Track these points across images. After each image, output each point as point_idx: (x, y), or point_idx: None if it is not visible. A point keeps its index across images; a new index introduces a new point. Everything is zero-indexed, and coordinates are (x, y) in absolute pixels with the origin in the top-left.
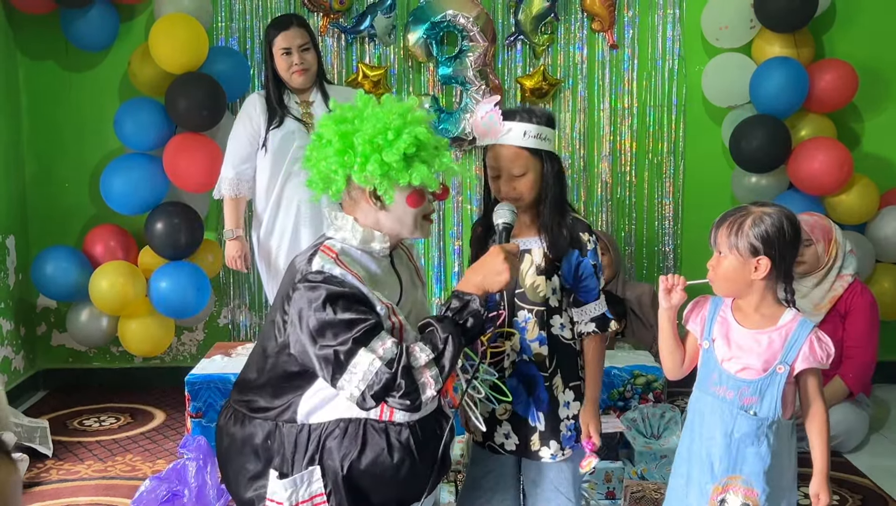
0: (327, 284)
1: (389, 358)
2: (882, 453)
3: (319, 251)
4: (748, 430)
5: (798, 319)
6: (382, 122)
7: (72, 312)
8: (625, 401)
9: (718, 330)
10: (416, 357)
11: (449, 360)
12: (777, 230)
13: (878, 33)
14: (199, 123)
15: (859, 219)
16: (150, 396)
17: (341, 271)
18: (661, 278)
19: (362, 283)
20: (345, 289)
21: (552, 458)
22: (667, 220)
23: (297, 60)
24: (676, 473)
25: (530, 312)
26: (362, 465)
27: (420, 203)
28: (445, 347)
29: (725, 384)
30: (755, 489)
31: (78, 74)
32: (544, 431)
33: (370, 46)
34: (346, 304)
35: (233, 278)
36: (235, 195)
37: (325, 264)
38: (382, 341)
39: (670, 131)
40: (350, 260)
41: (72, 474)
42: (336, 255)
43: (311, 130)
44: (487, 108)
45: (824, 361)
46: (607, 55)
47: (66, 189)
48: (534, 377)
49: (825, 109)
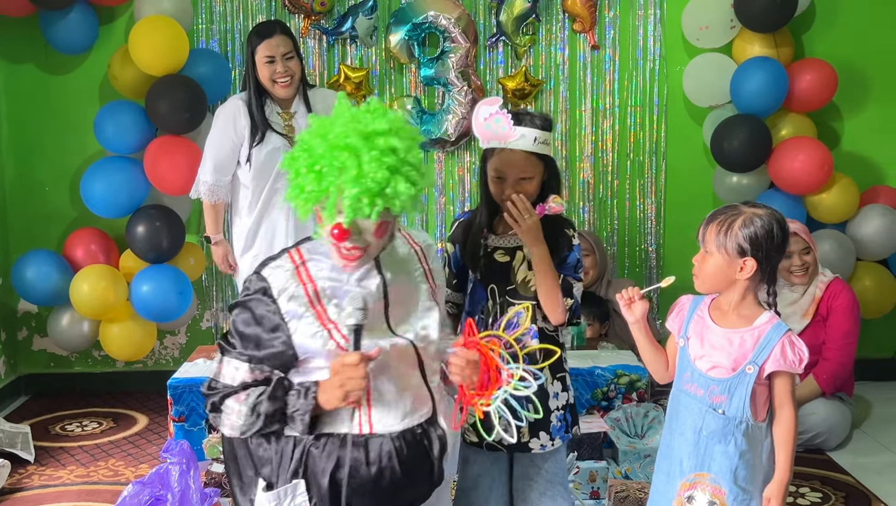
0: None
1: (214, 380)
2: (865, 451)
3: (283, 256)
4: (716, 428)
5: (773, 322)
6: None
7: (53, 317)
8: (608, 401)
9: (694, 328)
10: (231, 402)
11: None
12: (766, 233)
13: (858, 33)
14: (179, 126)
15: (840, 218)
16: (133, 400)
17: (281, 288)
18: (617, 296)
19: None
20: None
21: (542, 449)
22: (648, 220)
23: (281, 69)
24: (658, 470)
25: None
26: (342, 478)
27: (320, 221)
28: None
29: (696, 382)
30: (723, 488)
31: (58, 77)
32: (534, 423)
33: (352, 48)
34: (247, 322)
35: (215, 281)
36: (213, 202)
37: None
38: (235, 368)
39: (652, 131)
40: (318, 267)
41: (54, 480)
42: (302, 263)
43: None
44: (492, 111)
45: (796, 365)
46: (589, 56)
47: (47, 193)
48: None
49: (805, 109)
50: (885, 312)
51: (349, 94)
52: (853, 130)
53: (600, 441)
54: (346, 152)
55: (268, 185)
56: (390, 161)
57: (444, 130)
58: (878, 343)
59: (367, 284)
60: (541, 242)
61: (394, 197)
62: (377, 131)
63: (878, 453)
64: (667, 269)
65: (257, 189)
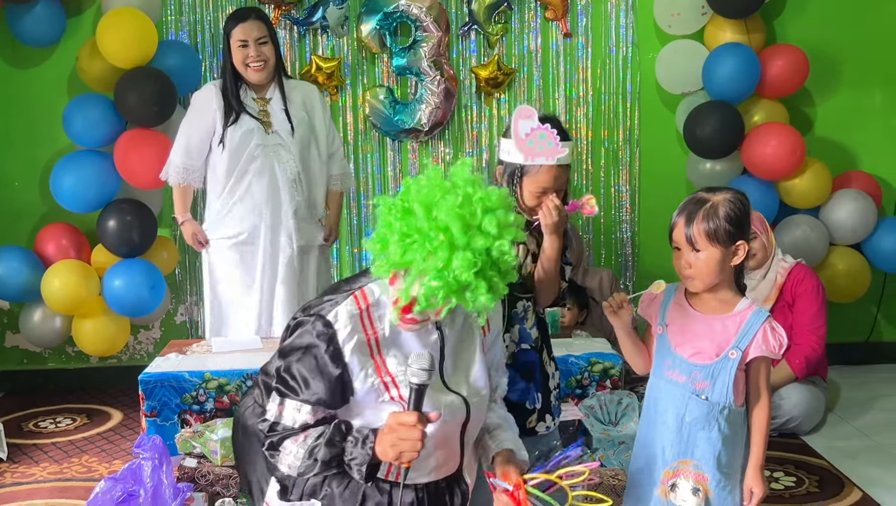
0: (318, 340)
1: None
2: (838, 435)
3: (352, 296)
4: (699, 414)
5: (753, 308)
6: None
7: (24, 313)
8: (582, 389)
9: (673, 315)
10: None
11: (313, 466)
12: (745, 211)
13: (829, 18)
14: (149, 119)
15: (812, 203)
16: (108, 396)
17: (346, 336)
18: (604, 305)
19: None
20: (322, 356)
21: (547, 430)
22: (623, 207)
23: (254, 54)
24: (635, 459)
25: (528, 299)
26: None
27: (392, 283)
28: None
29: (678, 369)
30: (706, 474)
31: (25, 71)
32: (541, 408)
33: (323, 38)
34: (308, 367)
35: (189, 275)
36: (181, 183)
37: (341, 319)
38: (296, 410)
39: (625, 119)
40: (380, 313)
41: (27, 477)
42: (367, 307)
43: (269, 129)
44: (533, 125)
45: (776, 350)
46: (561, 44)
47: (16, 188)
48: (533, 363)
49: (777, 94)
50: (858, 296)
51: (321, 84)
52: (825, 116)
53: (575, 429)
54: (443, 239)
55: (239, 165)
56: (481, 264)
57: (416, 120)
58: (852, 327)
59: (426, 338)
60: (558, 235)
61: (472, 301)
62: (481, 228)
63: (853, 436)
64: (643, 255)
65: (230, 170)
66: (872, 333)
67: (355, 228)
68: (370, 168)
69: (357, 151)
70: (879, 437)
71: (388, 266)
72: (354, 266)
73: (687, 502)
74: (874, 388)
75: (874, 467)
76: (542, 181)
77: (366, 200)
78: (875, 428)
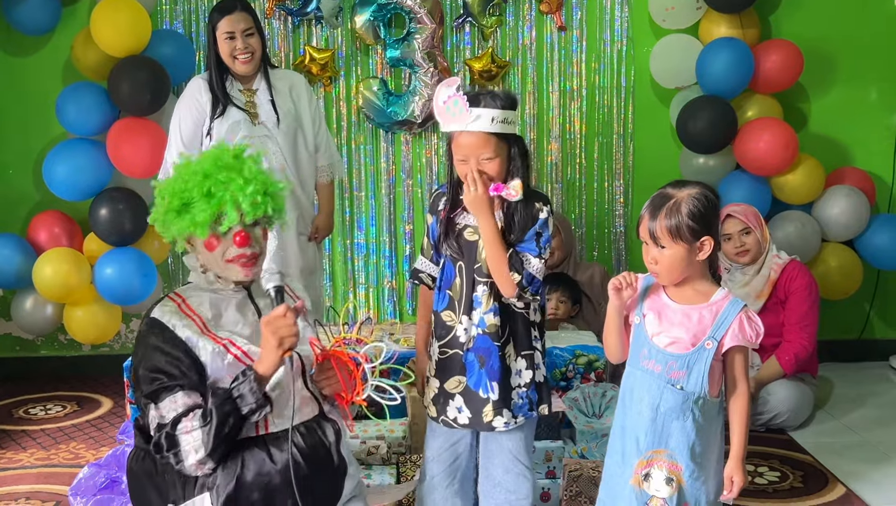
0: (154, 335)
1: (160, 423)
2: (826, 431)
3: (164, 299)
4: (674, 404)
5: (729, 298)
6: (175, 179)
7: (16, 300)
8: (567, 381)
9: (650, 305)
10: (181, 425)
11: (212, 431)
12: (710, 206)
13: (824, 13)
14: (142, 108)
15: (805, 199)
16: (99, 384)
17: (173, 323)
18: (612, 280)
19: (201, 326)
20: (164, 343)
21: (505, 426)
22: (617, 201)
23: (241, 46)
24: (611, 450)
25: (486, 284)
26: (248, 478)
27: (212, 248)
28: (210, 419)
29: (654, 358)
30: (679, 464)
31: (20, 59)
32: (497, 400)
33: (317, 29)
34: (159, 357)
35: (181, 265)
36: None
37: (163, 313)
38: (173, 401)
39: (619, 113)
40: (198, 301)
41: (13, 463)
42: (182, 300)
43: (255, 120)
44: (450, 93)
45: (753, 340)
46: (556, 37)
47: (10, 176)
48: (488, 349)
49: (771, 90)
50: (850, 293)
51: (314, 75)
52: (819, 112)
53: (558, 421)
54: (225, 171)
55: None
56: (260, 168)
57: (410, 112)
58: (844, 325)
59: (244, 310)
60: (486, 215)
61: (275, 193)
62: (236, 154)
63: (840, 433)
64: (635, 250)
65: None
66: (865, 331)
67: (348, 220)
68: (363, 160)
69: (350, 142)
70: (868, 433)
71: (206, 224)
72: (347, 258)
73: (660, 491)
74: (865, 385)
75: (860, 463)
76: (459, 149)
77: (358, 191)
78: (864, 425)
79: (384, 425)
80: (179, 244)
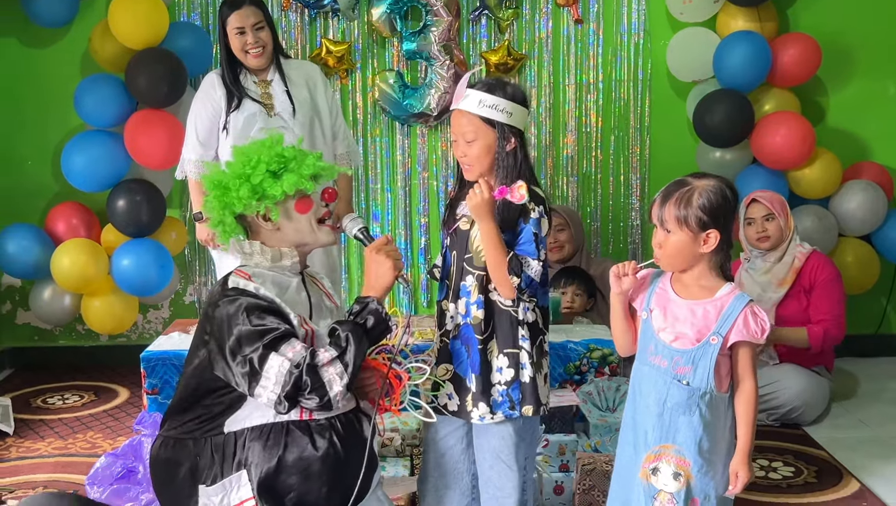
0: (244, 297)
1: (297, 361)
2: (841, 426)
3: (233, 274)
4: (680, 399)
5: (735, 293)
6: (245, 156)
7: (34, 291)
8: (581, 375)
9: (657, 301)
10: (321, 357)
11: (352, 356)
12: (723, 202)
13: (842, 7)
14: (159, 100)
15: (822, 193)
16: (116, 374)
17: (255, 286)
18: (612, 268)
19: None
20: (259, 301)
21: (480, 419)
22: (633, 195)
23: (252, 40)
24: (622, 443)
25: (474, 276)
26: (289, 461)
27: (307, 208)
28: (347, 345)
29: (661, 354)
30: (687, 459)
31: (38, 51)
32: (475, 392)
33: (334, 21)
34: (260, 314)
35: (198, 256)
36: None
37: (239, 283)
38: (292, 346)
39: (636, 106)
40: (263, 280)
41: (31, 452)
42: (249, 276)
43: (271, 111)
44: (464, 79)
45: (758, 335)
46: (572, 30)
47: (28, 167)
48: (470, 340)
49: (789, 84)
50: (867, 287)
51: (331, 68)
52: (837, 105)
53: (572, 415)
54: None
55: None
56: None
57: (426, 105)
58: (860, 319)
59: (301, 295)
60: (486, 219)
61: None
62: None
63: (855, 428)
64: (650, 244)
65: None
66: (882, 326)
67: (363, 212)
68: (379, 152)
69: (366, 134)
70: (882, 429)
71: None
72: (361, 247)
73: (668, 486)
74: (881, 380)
75: (874, 459)
76: (452, 128)
77: (374, 183)
78: (879, 420)
79: (398, 418)
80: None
